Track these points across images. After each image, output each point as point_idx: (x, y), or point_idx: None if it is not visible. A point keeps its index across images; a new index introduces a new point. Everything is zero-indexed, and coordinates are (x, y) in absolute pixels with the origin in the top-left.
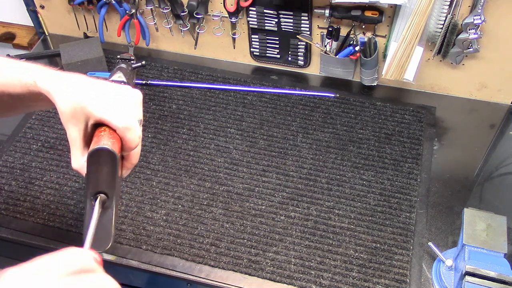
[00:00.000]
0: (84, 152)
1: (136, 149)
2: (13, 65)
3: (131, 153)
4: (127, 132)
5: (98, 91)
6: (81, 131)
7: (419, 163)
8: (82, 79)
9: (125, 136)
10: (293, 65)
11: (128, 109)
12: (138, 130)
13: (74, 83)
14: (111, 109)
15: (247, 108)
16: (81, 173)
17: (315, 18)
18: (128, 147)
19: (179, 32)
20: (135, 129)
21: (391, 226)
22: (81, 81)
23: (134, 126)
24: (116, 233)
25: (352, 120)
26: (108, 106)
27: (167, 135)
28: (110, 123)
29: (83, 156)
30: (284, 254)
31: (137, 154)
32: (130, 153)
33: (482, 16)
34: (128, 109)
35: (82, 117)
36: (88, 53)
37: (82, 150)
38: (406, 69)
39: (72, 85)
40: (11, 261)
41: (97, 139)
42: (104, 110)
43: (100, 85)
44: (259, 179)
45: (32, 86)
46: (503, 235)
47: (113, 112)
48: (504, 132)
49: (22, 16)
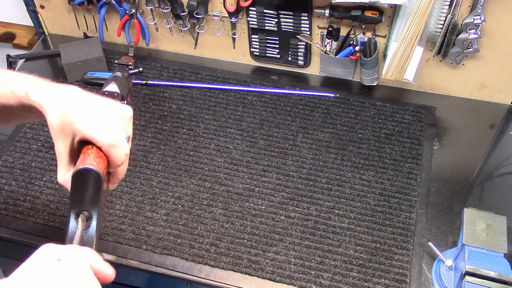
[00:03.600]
0: (69, 167)
1: (123, 165)
2: (6, 76)
3: (118, 169)
4: (113, 149)
5: (87, 107)
6: (68, 146)
7: (419, 163)
8: (73, 92)
9: (110, 154)
10: (293, 65)
11: (116, 126)
12: (124, 147)
13: (64, 97)
14: (97, 126)
15: (247, 108)
16: (66, 187)
17: (315, 18)
18: (114, 164)
19: (179, 32)
20: (121, 146)
21: (391, 226)
22: (71, 95)
23: (120, 143)
24: (116, 233)
25: (352, 120)
26: (95, 123)
27: (167, 135)
28: (96, 141)
29: (68, 172)
30: (284, 254)
31: (123, 170)
32: (116, 169)
33: (482, 16)
34: (116, 126)
35: (70, 133)
36: (88, 53)
37: (68, 165)
38: (406, 69)
39: (63, 100)
40: (11, 261)
41: (83, 157)
42: (90, 127)
43: (89, 100)
44: (259, 179)
45: (24, 98)
46: (503, 235)
47: (99, 129)
48: (504, 132)
49: (22, 16)
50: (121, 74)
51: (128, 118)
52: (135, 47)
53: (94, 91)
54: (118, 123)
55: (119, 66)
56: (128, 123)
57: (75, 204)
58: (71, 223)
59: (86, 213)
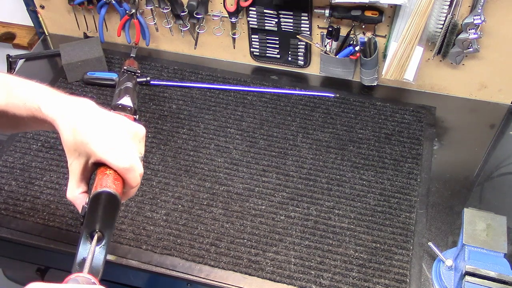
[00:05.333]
0: (80, 184)
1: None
2: (18, 85)
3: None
4: (129, 173)
5: (101, 126)
6: (82, 165)
7: (419, 163)
8: (87, 108)
9: (126, 177)
10: (293, 65)
11: (130, 148)
12: (139, 169)
13: (78, 113)
14: (112, 150)
15: (247, 108)
16: (75, 204)
17: (315, 18)
18: (130, 187)
19: (179, 32)
20: (136, 169)
21: (391, 226)
22: (85, 112)
23: (136, 166)
24: (116, 233)
25: (352, 120)
26: (110, 146)
27: (167, 135)
28: (112, 165)
29: (78, 188)
30: (284, 254)
31: (135, 189)
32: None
33: (482, 16)
34: (130, 148)
35: (84, 153)
36: (88, 53)
37: (79, 182)
38: (406, 69)
39: (76, 117)
40: (11, 261)
41: (102, 178)
42: (105, 150)
43: (103, 118)
44: (259, 179)
45: (36, 111)
46: (503, 235)
47: (114, 153)
48: (504, 132)
49: (22, 16)
50: (132, 84)
51: (141, 137)
52: (137, 48)
53: (107, 107)
54: (132, 143)
55: (128, 74)
56: (140, 143)
57: (90, 224)
58: (82, 242)
59: (99, 233)
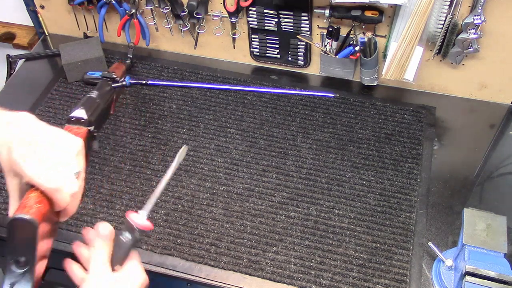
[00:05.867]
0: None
1: (73, 202)
2: None
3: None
4: (56, 193)
5: (33, 145)
6: (17, 185)
7: (419, 163)
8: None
9: (53, 198)
10: (293, 65)
11: (61, 167)
12: (70, 189)
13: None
14: (40, 170)
15: (247, 108)
16: None
17: (315, 18)
18: (58, 207)
19: (179, 32)
20: (64, 190)
21: (391, 226)
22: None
23: (63, 187)
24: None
25: (352, 120)
26: (38, 166)
27: (167, 135)
28: (38, 185)
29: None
30: (284, 254)
31: (73, 207)
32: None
33: (482, 16)
34: (61, 167)
35: (17, 173)
36: (88, 53)
37: (19, 201)
38: (406, 69)
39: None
40: None
41: (23, 202)
42: (33, 171)
43: (38, 136)
44: (259, 179)
45: None
46: (503, 235)
47: (42, 173)
48: (504, 132)
49: (22, 16)
50: (97, 94)
51: (75, 153)
52: (134, 48)
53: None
54: (65, 161)
55: (102, 80)
56: (75, 159)
57: (10, 251)
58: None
59: (23, 258)
